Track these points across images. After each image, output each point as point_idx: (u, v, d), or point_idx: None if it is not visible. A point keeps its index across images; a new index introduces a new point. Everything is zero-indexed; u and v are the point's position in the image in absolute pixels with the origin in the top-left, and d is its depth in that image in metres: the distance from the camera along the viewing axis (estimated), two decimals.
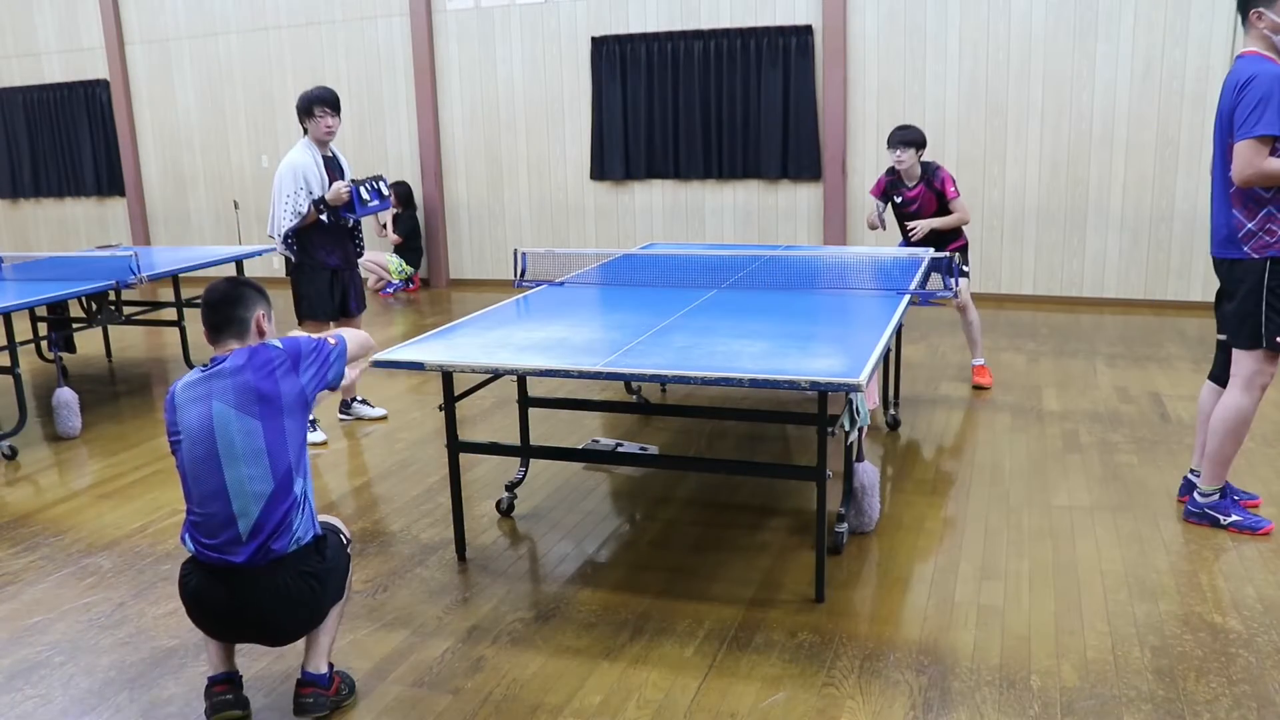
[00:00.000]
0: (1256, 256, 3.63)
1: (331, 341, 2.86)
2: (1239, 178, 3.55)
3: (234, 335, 2.75)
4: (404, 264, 10.09)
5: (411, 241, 10.16)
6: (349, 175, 5.38)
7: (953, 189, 5.69)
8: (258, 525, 2.62)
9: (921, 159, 5.73)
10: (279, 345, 2.75)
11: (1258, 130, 3.46)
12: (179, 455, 2.69)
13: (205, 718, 2.81)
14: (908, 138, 5.65)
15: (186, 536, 2.71)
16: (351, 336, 2.97)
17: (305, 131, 5.21)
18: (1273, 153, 3.48)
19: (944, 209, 5.75)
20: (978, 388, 5.99)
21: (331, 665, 2.88)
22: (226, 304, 2.76)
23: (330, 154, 5.28)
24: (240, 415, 2.62)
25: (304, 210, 5.08)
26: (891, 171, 5.84)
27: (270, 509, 2.63)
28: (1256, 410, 3.78)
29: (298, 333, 3.09)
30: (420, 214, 10.36)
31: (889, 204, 5.91)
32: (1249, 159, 3.50)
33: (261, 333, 2.79)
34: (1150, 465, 4.60)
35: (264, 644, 2.81)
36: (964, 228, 5.92)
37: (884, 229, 5.93)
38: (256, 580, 2.64)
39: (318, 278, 5.24)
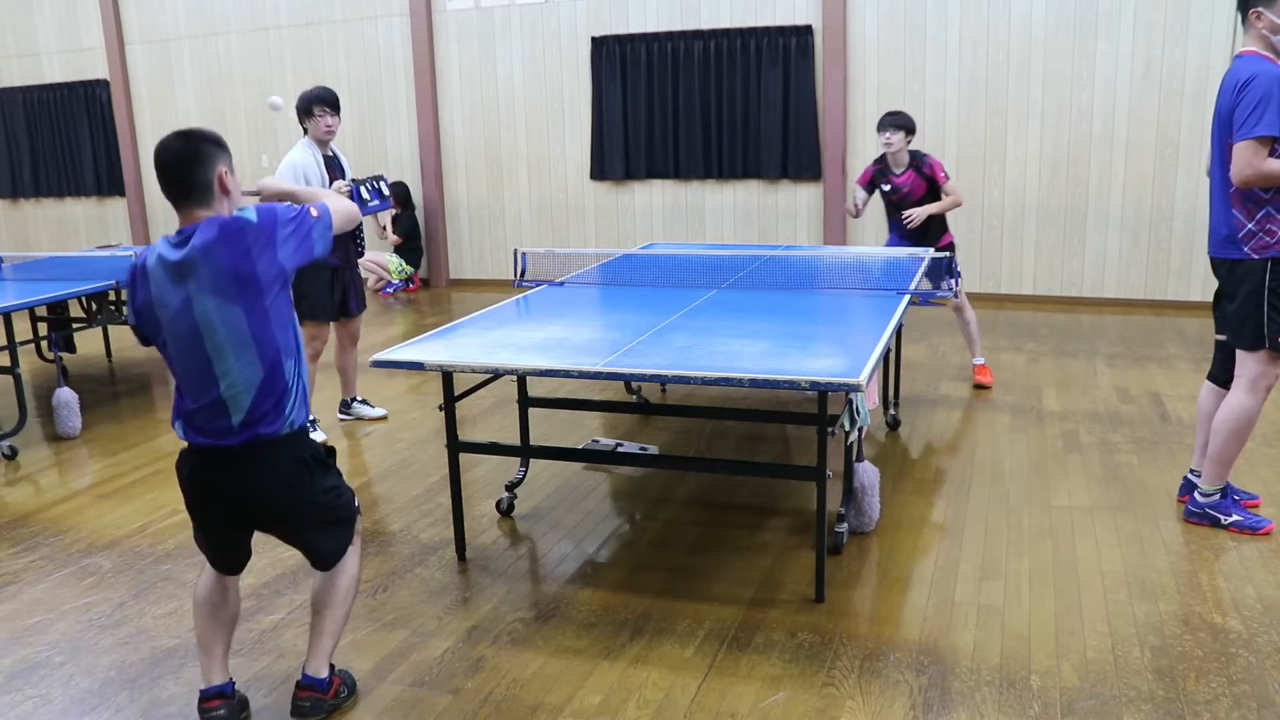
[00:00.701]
0: (1257, 257, 3.62)
1: (314, 213, 2.64)
2: (1238, 178, 3.54)
3: (198, 202, 2.52)
4: (404, 264, 10.10)
5: (411, 242, 10.17)
6: (349, 175, 5.38)
7: (943, 174, 5.74)
8: (250, 412, 2.52)
9: (910, 147, 5.75)
10: (253, 218, 2.50)
11: (1257, 131, 3.45)
12: (159, 340, 2.57)
13: None
14: (898, 121, 5.68)
15: (178, 425, 2.60)
16: (335, 206, 2.77)
17: (305, 131, 5.21)
18: (1272, 153, 3.47)
19: (933, 196, 5.76)
20: (979, 386, 6.00)
21: (333, 667, 2.86)
22: (183, 166, 2.50)
23: (331, 153, 5.28)
24: (221, 304, 2.45)
25: None
26: (879, 160, 5.86)
27: (262, 396, 2.52)
28: (1261, 411, 3.77)
29: (271, 182, 3.07)
30: (420, 214, 10.36)
31: (875, 193, 5.93)
32: (1248, 160, 3.49)
33: (225, 190, 2.55)
34: (1150, 465, 4.60)
35: (257, 527, 2.73)
36: (950, 227, 5.95)
37: (858, 216, 5.94)
38: (249, 461, 2.56)
39: (318, 277, 5.24)
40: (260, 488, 2.59)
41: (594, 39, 9.38)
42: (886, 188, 5.84)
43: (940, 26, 8.40)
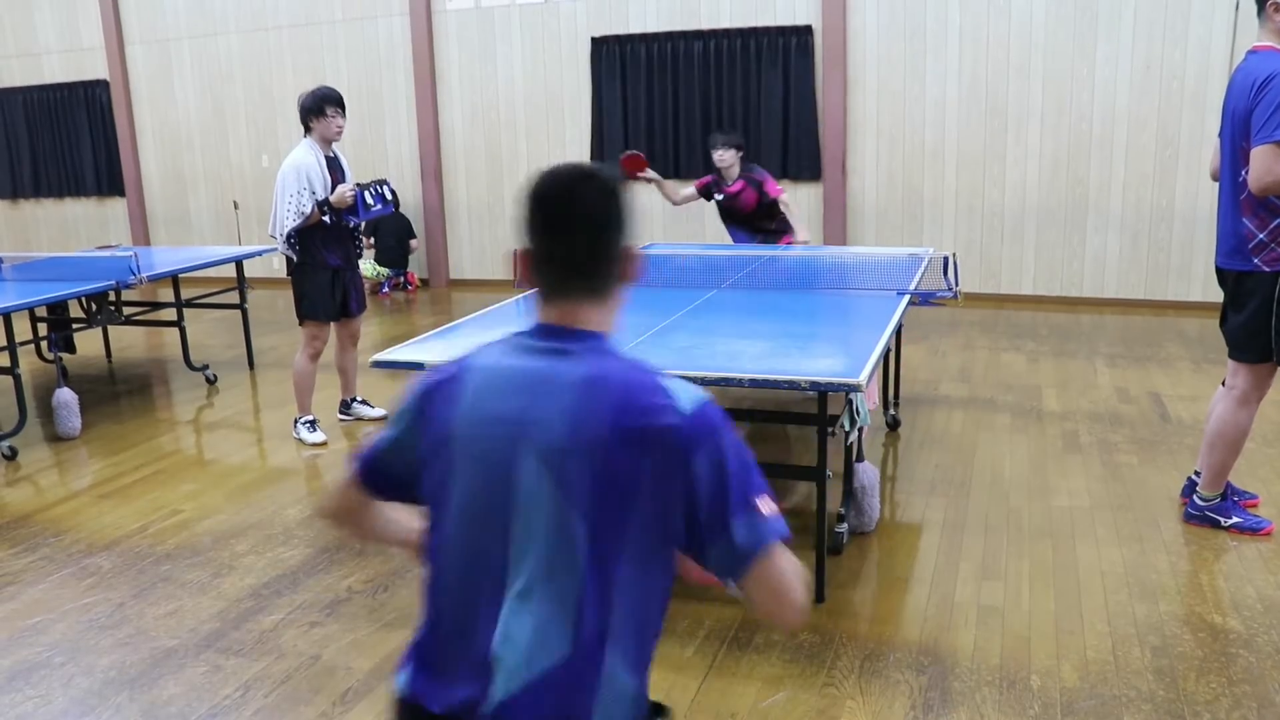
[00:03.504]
0: (1267, 270, 3.46)
1: (766, 511, 1.47)
2: (1257, 185, 3.32)
3: (588, 295, 1.52)
4: (377, 267, 10.01)
5: (387, 240, 10.04)
6: (350, 176, 5.37)
7: (775, 186, 6.28)
8: (518, 694, 1.38)
9: (741, 158, 6.30)
10: (681, 400, 1.41)
11: (1278, 135, 3.25)
12: (432, 507, 1.51)
13: None
14: (730, 141, 6.28)
15: (410, 669, 1.55)
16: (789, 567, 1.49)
17: (308, 131, 5.20)
18: None
19: (763, 205, 6.25)
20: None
21: None
22: (591, 225, 1.54)
23: (332, 154, 5.28)
24: (562, 499, 1.38)
25: (307, 210, 5.08)
26: (716, 171, 6.42)
27: (551, 680, 1.38)
28: (1253, 421, 3.74)
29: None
30: (420, 214, 10.36)
31: (708, 199, 6.48)
32: (1269, 165, 3.28)
33: (627, 276, 1.58)
34: (1150, 465, 4.60)
35: None
36: (793, 234, 6.32)
37: (675, 204, 6.81)
38: None
39: (319, 277, 5.23)
40: None
41: (594, 39, 9.38)
42: (719, 197, 6.41)
43: (940, 26, 8.40)
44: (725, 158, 6.26)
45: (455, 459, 1.44)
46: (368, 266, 9.96)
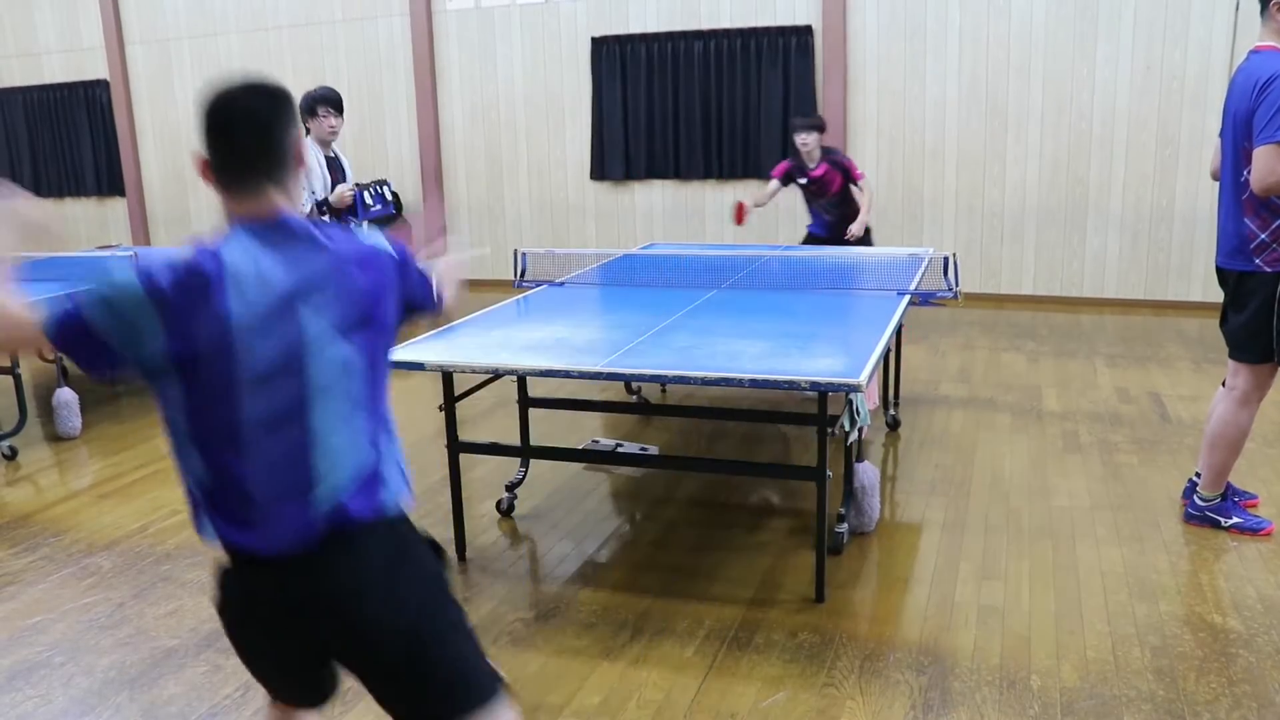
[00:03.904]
0: (1269, 270, 3.45)
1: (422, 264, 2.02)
2: (1260, 185, 3.31)
3: (272, 180, 1.77)
4: None
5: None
6: (350, 176, 5.38)
7: (859, 170, 6.40)
8: (340, 498, 1.75)
9: (822, 144, 6.36)
10: (381, 243, 1.87)
11: None
12: (175, 367, 1.69)
13: None
14: (812, 123, 6.30)
15: (208, 521, 1.75)
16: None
17: (307, 131, 5.21)
18: None
19: (846, 190, 6.39)
20: None
21: None
22: (258, 126, 1.76)
23: (333, 154, 5.28)
24: (338, 336, 1.75)
25: (306, 210, 5.08)
26: (795, 156, 6.41)
27: (358, 475, 1.79)
28: (1253, 422, 3.74)
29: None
30: (420, 213, 10.36)
31: (789, 185, 6.50)
32: (1271, 165, 3.26)
33: (302, 162, 1.84)
34: (1150, 465, 4.60)
35: (363, 677, 1.84)
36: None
37: (759, 206, 6.56)
38: (336, 560, 1.75)
39: None
40: (359, 598, 1.78)
41: (594, 39, 9.38)
42: (802, 181, 6.38)
43: (940, 26, 8.40)
44: (809, 141, 6.23)
45: (239, 342, 1.68)
46: None
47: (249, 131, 1.75)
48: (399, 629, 1.76)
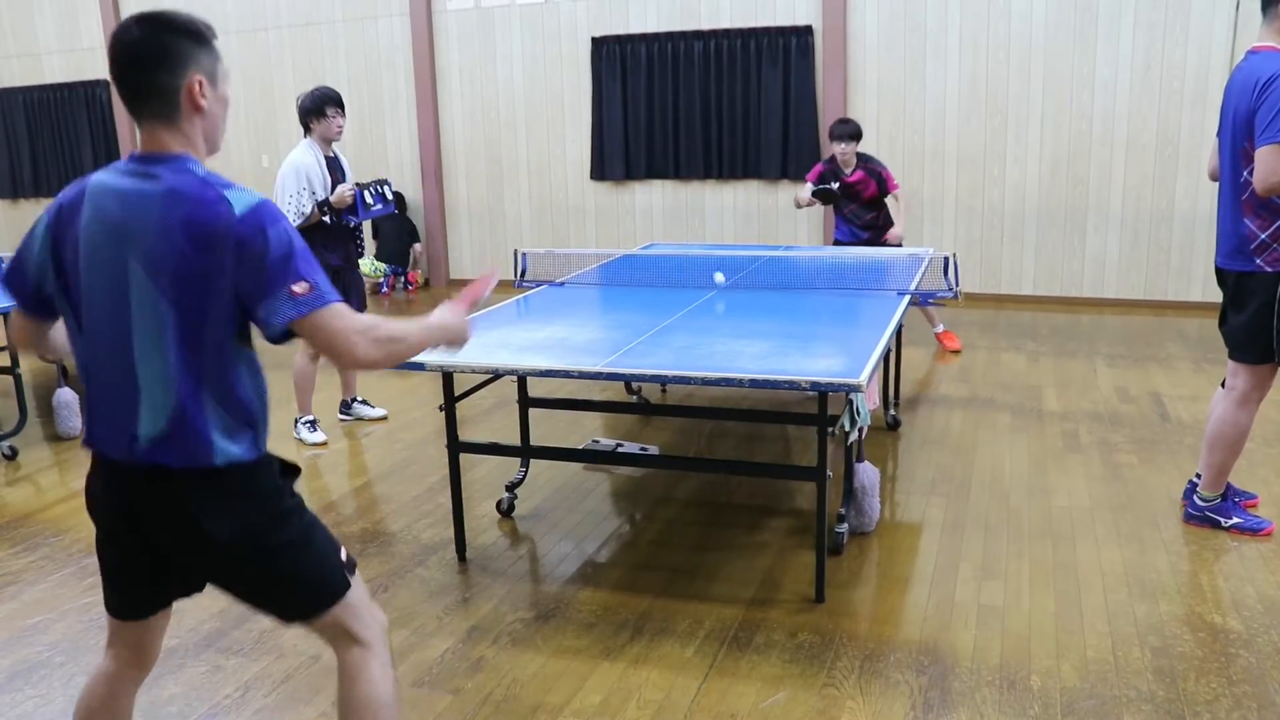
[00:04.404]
0: (1270, 270, 3.44)
1: (313, 287, 1.84)
2: (1262, 186, 3.30)
3: (157, 115, 1.85)
4: (375, 263, 10.02)
5: (387, 236, 10.06)
6: (350, 176, 5.38)
7: (893, 180, 6.43)
8: (150, 447, 1.88)
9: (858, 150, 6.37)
10: (244, 210, 1.80)
11: None
12: (65, 299, 1.90)
13: None
14: (850, 131, 6.26)
15: (88, 423, 1.97)
16: (364, 325, 1.91)
17: (307, 131, 5.20)
18: None
19: (878, 198, 6.42)
20: (953, 353, 6.66)
21: None
22: (137, 66, 1.83)
23: (333, 154, 5.28)
24: (156, 292, 1.81)
25: (307, 211, 5.08)
26: (830, 161, 6.40)
27: (167, 437, 1.87)
28: (1252, 422, 3.73)
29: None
30: (420, 214, 10.36)
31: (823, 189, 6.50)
32: (1273, 166, 3.25)
33: (198, 108, 1.87)
34: (1150, 465, 4.60)
35: (188, 588, 2.11)
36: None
37: (800, 208, 6.70)
38: (150, 489, 1.92)
39: None
40: (193, 518, 1.94)
41: (594, 39, 9.38)
42: (835, 185, 6.34)
43: (940, 26, 8.40)
44: (848, 151, 6.28)
45: (82, 266, 1.85)
46: (366, 264, 9.97)
47: (130, 69, 1.83)
48: (224, 554, 1.94)
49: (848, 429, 3.55)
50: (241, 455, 1.92)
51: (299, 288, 1.82)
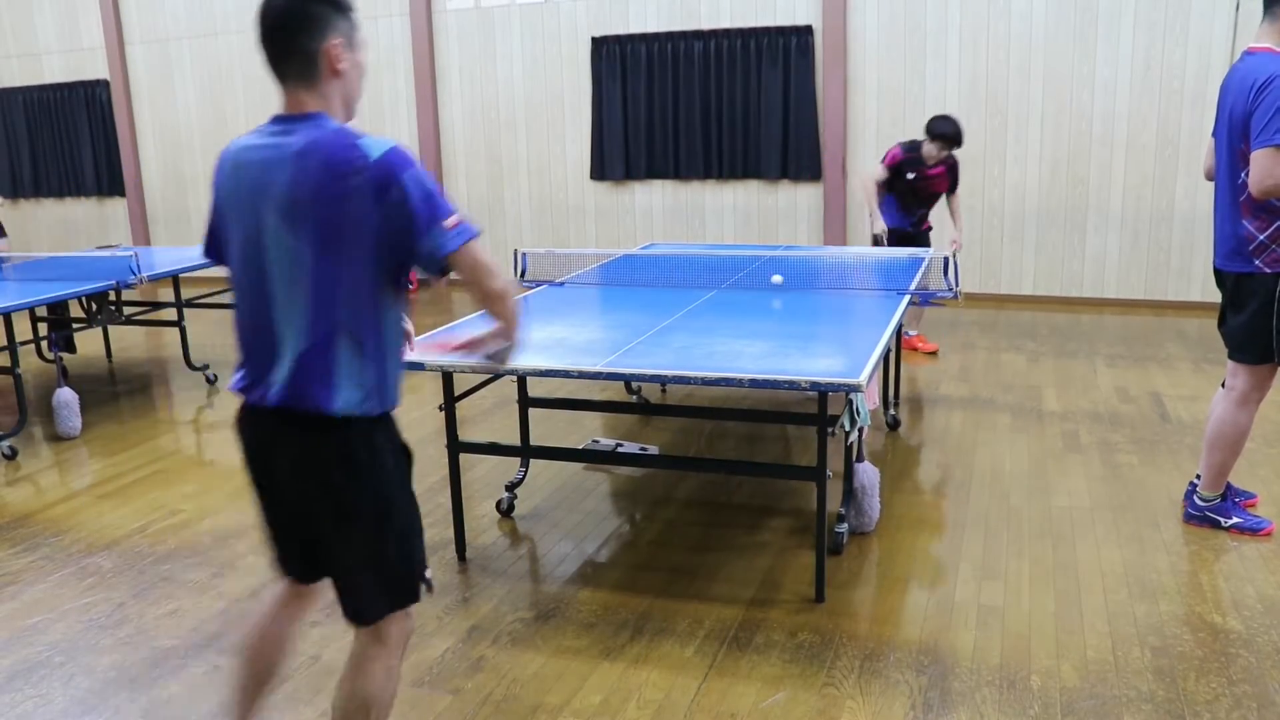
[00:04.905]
0: (1268, 271, 3.44)
1: (454, 218, 1.97)
2: (1258, 188, 3.30)
3: (299, 77, 1.99)
4: None
5: None
6: None
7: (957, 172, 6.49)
8: (286, 377, 2.01)
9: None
10: (371, 152, 1.90)
11: (1279, 138, 3.23)
12: (228, 263, 2.12)
13: None
14: (958, 139, 6.17)
15: (236, 374, 2.14)
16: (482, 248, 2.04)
17: None
18: None
19: (947, 190, 6.48)
20: (929, 354, 6.69)
21: None
22: (281, 29, 1.98)
23: None
24: (293, 239, 1.94)
25: None
26: (912, 149, 6.31)
27: (301, 363, 1.99)
28: (1252, 423, 3.74)
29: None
30: None
31: (898, 178, 6.37)
32: (1269, 168, 3.25)
33: (336, 71, 2.00)
34: (1150, 465, 4.60)
35: (301, 535, 2.20)
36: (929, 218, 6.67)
37: (880, 237, 6.36)
38: (279, 432, 2.05)
39: None
40: (286, 476, 2.11)
41: (594, 39, 9.38)
42: (911, 175, 6.29)
43: (940, 26, 8.40)
44: (941, 155, 6.24)
45: (228, 219, 2.07)
46: None
47: (275, 32, 2.00)
48: (341, 514, 2.07)
49: (848, 429, 3.55)
50: (362, 408, 2.03)
51: (449, 221, 1.96)
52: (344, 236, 1.92)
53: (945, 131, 6.15)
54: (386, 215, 1.91)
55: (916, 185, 6.30)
